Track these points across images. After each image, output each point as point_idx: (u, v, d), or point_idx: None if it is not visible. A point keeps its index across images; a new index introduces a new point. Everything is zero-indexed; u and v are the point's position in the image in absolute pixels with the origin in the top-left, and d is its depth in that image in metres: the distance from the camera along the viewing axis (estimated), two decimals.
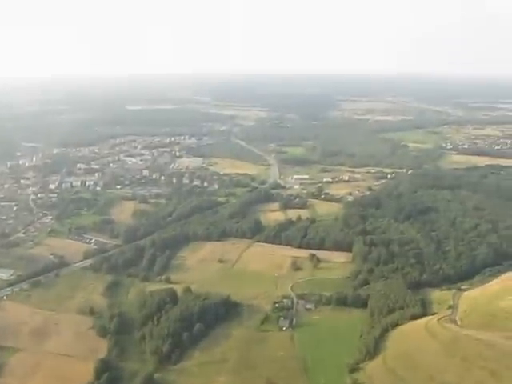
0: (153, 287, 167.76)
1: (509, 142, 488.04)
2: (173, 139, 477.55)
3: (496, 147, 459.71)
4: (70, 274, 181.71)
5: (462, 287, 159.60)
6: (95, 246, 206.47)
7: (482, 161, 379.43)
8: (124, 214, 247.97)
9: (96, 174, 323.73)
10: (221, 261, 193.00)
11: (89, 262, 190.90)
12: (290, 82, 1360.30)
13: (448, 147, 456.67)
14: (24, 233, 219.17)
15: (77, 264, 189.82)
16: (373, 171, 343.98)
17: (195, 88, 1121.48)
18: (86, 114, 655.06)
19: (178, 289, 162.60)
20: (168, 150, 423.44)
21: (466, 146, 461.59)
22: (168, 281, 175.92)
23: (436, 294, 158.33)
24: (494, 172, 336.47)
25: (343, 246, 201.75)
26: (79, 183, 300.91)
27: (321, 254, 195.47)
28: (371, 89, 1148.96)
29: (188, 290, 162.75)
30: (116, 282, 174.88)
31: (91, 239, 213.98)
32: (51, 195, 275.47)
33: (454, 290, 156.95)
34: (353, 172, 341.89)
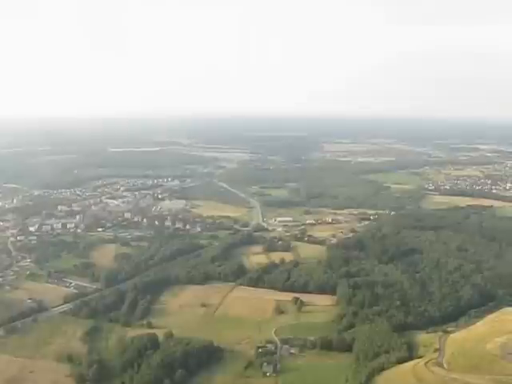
0: (134, 332, 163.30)
1: (489, 182, 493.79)
2: (155, 181, 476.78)
3: (477, 187, 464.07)
4: (48, 319, 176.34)
5: (448, 329, 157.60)
6: (75, 290, 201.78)
7: (464, 201, 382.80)
8: (105, 257, 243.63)
9: (77, 217, 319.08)
10: (203, 305, 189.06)
11: (68, 306, 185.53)
12: (273, 124, 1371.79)
13: (430, 188, 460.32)
14: (1, 276, 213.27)
15: (56, 308, 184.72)
16: (356, 213, 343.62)
17: (177, 130, 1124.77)
18: (68, 155, 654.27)
19: (160, 334, 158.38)
20: (150, 192, 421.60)
21: (447, 187, 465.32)
22: (149, 326, 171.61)
23: (422, 337, 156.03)
24: (476, 212, 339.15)
25: (327, 289, 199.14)
26: (60, 225, 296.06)
27: (305, 297, 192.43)
28: (353, 131, 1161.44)
29: (170, 335, 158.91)
30: (96, 327, 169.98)
31: (71, 283, 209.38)
32: (31, 238, 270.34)
33: (439, 333, 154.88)
34: (336, 214, 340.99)
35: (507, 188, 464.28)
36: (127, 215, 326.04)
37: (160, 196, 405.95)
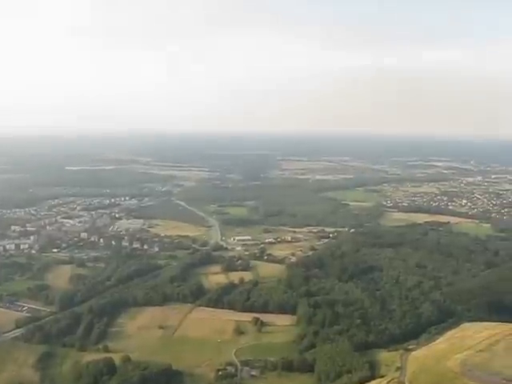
0: (89, 357, 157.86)
1: (445, 198, 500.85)
2: (113, 200, 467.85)
3: (434, 204, 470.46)
4: None
5: (409, 347, 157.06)
6: (28, 314, 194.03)
7: (422, 218, 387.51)
8: (60, 278, 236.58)
9: (31, 237, 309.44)
10: (161, 327, 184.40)
11: (20, 331, 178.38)
12: (230, 142, 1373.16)
13: (388, 205, 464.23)
14: None
15: (6, 334, 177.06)
16: (315, 231, 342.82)
17: (135, 148, 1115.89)
18: (23, 174, 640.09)
19: (117, 358, 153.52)
20: (107, 211, 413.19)
21: (405, 204, 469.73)
22: (106, 350, 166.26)
23: (383, 355, 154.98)
24: (434, 229, 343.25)
25: (287, 309, 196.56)
26: (13, 246, 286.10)
27: (265, 317, 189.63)
28: (310, 148, 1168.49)
29: (127, 359, 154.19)
30: (49, 353, 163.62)
31: (24, 307, 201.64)
32: None
33: (401, 351, 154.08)
34: (295, 232, 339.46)
35: (463, 204, 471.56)
36: (83, 235, 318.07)
37: (117, 215, 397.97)
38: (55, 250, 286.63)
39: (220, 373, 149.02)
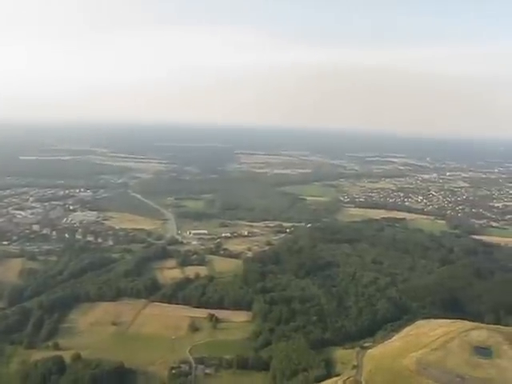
0: (39, 355, 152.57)
1: (402, 195, 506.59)
2: (67, 192, 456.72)
3: (390, 200, 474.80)
4: None
5: (365, 344, 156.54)
6: None
7: (378, 214, 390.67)
8: (10, 272, 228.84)
9: None
10: (114, 323, 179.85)
11: None
12: (187, 134, 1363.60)
13: (345, 200, 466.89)
14: None
15: None
16: (272, 225, 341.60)
17: (92, 138, 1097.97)
18: None
19: (67, 356, 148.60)
20: (61, 203, 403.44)
21: (362, 200, 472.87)
22: (56, 347, 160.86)
23: (339, 353, 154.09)
24: (390, 225, 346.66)
25: (243, 305, 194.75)
26: None
27: (220, 313, 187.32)
28: (268, 142, 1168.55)
29: (77, 357, 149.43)
30: None
31: None
32: None
33: (357, 348, 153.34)
34: (252, 226, 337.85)
35: (419, 201, 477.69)
36: (35, 227, 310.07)
37: (71, 207, 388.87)
38: (5, 243, 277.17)
39: (173, 371, 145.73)
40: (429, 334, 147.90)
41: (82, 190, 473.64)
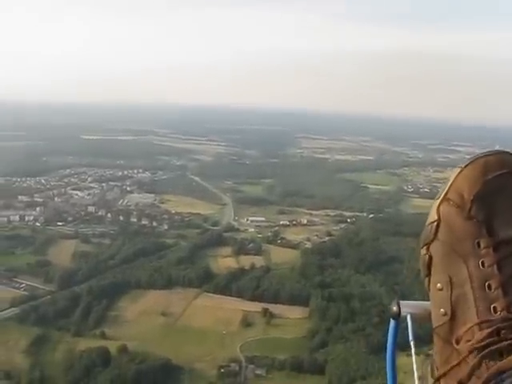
0: (85, 344, 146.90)
1: None
2: (125, 172, 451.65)
3: None
4: None
5: (430, 352, 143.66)
6: (25, 292, 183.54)
7: None
8: (63, 254, 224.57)
9: (38, 209, 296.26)
10: (164, 314, 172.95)
11: (15, 311, 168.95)
12: (252, 117, 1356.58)
13: (409, 190, 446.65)
14: None
15: (0, 313, 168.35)
16: (332, 214, 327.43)
17: (152, 119, 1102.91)
18: (37, 141, 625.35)
19: (113, 347, 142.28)
20: (119, 184, 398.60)
21: (427, 190, 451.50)
22: (103, 336, 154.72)
23: (402, 361, 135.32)
24: None
25: (300, 300, 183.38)
26: (18, 218, 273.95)
27: (275, 308, 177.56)
28: (330, 127, 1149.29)
29: (123, 348, 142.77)
30: (43, 337, 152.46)
31: (22, 284, 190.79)
32: None
33: (421, 356, 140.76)
34: (311, 215, 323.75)
35: None
36: (91, 209, 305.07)
37: (128, 188, 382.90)
38: (60, 224, 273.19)
39: (222, 370, 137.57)
40: None
41: (141, 170, 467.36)
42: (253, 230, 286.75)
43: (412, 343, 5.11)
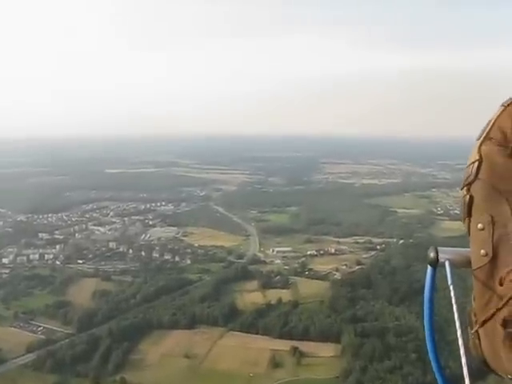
0: None
1: None
2: (148, 206, 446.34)
3: None
4: (3, 373, 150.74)
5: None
6: (42, 336, 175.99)
7: None
8: (82, 294, 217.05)
9: (58, 246, 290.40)
10: (187, 356, 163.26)
11: (31, 357, 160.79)
12: (272, 144, 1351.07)
13: (439, 212, 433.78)
14: None
15: (15, 360, 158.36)
16: (361, 241, 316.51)
17: (175, 150, 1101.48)
18: (62, 176, 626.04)
19: None
20: (141, 217, 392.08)
21: (457, 211, 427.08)
22: (123, 382, 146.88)
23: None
24: None
25: (331, 336, 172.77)
26: (37, 256, 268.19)
27: (304, 345, 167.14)
28: (355, 151, 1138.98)
29: None
30: None
31: (39, 327, 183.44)
32: (2, 271, 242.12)
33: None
34: (339, 243, 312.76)
35: None
36: (112, 244, 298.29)
37: (151, 222, 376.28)
38: (80, 261, 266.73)
39: None
40: None
41: (163, 203, 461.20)
42: (279, 261, 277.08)
43: (451, 287, 5.18)
